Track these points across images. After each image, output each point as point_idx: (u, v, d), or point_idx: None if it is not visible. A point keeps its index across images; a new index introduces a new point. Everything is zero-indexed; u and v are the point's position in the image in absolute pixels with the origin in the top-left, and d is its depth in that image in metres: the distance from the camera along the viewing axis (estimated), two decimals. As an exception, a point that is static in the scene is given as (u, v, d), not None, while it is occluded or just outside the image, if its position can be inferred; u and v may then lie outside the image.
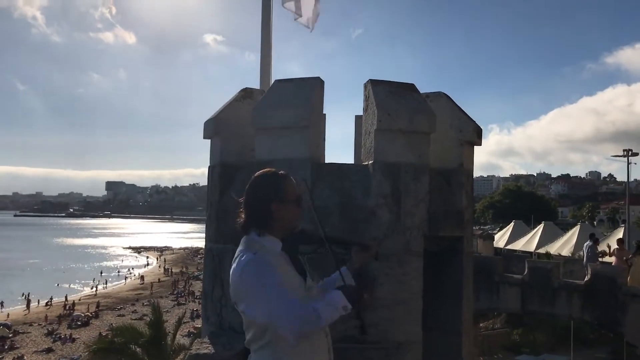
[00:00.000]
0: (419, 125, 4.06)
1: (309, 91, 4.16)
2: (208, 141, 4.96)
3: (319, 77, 4.27)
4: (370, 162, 4.09)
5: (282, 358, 2.51)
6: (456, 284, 4.63)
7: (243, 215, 2.66)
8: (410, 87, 4.29)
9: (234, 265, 2.55)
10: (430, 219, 4.18)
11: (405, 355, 4.00)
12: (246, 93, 4.90)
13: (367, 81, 4.26)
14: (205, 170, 4.98)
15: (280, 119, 4.10)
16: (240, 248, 2.61)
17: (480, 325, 26.68)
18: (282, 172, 2.77)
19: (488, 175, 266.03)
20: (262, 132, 4.21)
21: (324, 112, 4.53)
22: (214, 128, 4.76)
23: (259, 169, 4.16)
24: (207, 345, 3.97)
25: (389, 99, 4.07)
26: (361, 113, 4.48)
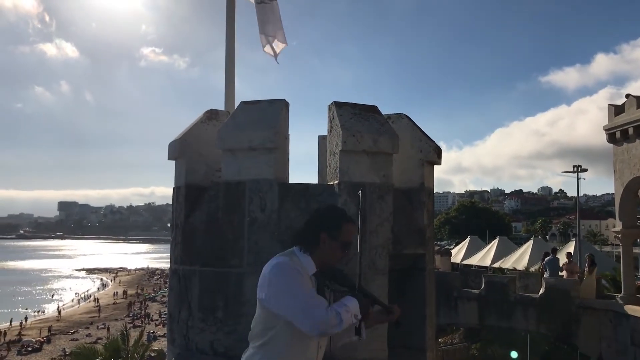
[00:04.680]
0: (382, 147, 4.17)
1: (274, 113, 4.22)
2: (158, 159, 5.04)
3: (284, 99, 4.34)
4: (335, 182, 4.17)
5: None
6: (419, 301, 4.72)
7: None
8: (373, 109, 4.40)
9: (268, 263, 2.74)
10: (394, 238, 4.28)
11: (372, 373, 4.06)
12: (211, 114, 4.93)
13: (332, 103, 4.35)
14: (155, 189, 5.09)
15: (247, 141, 4.14)
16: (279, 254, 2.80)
17: (439, 340, 26.95)
18: (350, 216, 2.97)
19: (444, 192, 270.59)
20: (228, 153, 4.25)
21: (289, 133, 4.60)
22: (179, 149, 4.77)
23: (226, 189, 4.26)
24: (175, 367, 3.95)
25: (353, 121, 4.17)
26: (308, 129, 4.58)
